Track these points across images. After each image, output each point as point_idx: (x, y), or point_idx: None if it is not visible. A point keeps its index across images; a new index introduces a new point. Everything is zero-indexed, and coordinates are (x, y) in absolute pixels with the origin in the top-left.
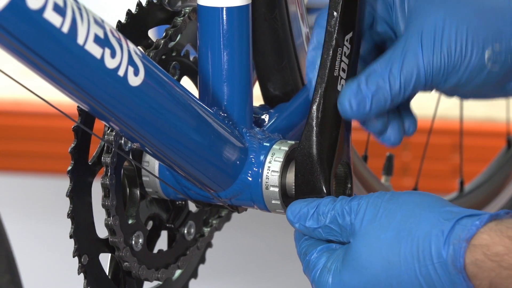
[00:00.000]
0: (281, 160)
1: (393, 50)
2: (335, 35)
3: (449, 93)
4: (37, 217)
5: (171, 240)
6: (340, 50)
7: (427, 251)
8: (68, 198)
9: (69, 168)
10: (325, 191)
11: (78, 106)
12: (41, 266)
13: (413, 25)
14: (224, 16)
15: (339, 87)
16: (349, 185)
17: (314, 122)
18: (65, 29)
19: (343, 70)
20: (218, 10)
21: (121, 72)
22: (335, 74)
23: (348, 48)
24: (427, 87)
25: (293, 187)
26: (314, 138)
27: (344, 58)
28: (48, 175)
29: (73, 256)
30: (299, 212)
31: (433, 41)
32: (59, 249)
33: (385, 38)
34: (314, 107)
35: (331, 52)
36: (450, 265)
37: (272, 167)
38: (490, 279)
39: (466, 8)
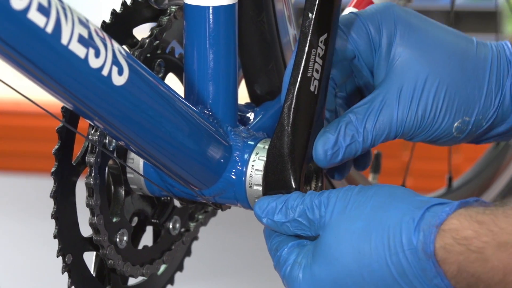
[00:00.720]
0: (265, 159)
1: (371, 101)
2: (310, 36)
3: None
4: (36, 217)
5: (156, 235)
6: (314, 51)
7: (397, 240)
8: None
9: (53, 169)
10: (295, 190)
11: (62, 106)
12: (39, 266)
13: (395, 75)
14: (211, 15)
15: (312, 88)
16: (319, 184)
17: (285, 122)
18: (49, 29)
19: (317, 71)
20: (204, 8)
21: (105, 72)
22: (308, 75)
23: (322, 50)
24: (392, 139)
25: None
26: (286, 138)
27: (318, 59)
28: (47, 175)
29: (57, 256)
30: (267, 207)
31: (410, 101)
32: (56, 248)
33: (366, 81)
34: (286, 107)
35: (305, 53)
36: (420, 252)
37: (256, 165)
38: (458, 263)
39: (448, 70)
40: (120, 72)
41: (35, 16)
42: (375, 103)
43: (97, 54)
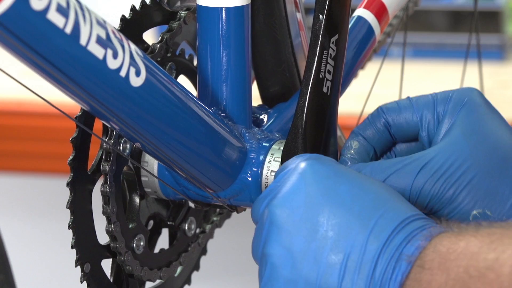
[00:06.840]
0: (281, 160)
1: (401, 160)
2: (321, 37)
3: None
4: (37, 217)
5: (172, 238)
6: (326, 52)
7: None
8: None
9: (69, 180)
10: None
11: (76, 116)
12: (39, 266)
13: (433, 145)
14: (224, 16)
15: (324, 89)
16: None
17: (299, 124)
18: (68, 30)
19: (329, 72)
20: (217, 10)
21: (123, 73)
22: (320, 76)
23: (334, 50)
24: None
25: None
26: (300, 140)
27: (330, 60)
28: (48, 175)
29: (76, 266)
30: None
31: (434, 172)
32: (58, 249)
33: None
34: (299, 109)
35: (316, 54)
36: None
37: (272, 167)
38: None
39: (488, 162)
40: (138, 73)
41: (54, 17)
42: (396, 161)
43: (115, 55)
